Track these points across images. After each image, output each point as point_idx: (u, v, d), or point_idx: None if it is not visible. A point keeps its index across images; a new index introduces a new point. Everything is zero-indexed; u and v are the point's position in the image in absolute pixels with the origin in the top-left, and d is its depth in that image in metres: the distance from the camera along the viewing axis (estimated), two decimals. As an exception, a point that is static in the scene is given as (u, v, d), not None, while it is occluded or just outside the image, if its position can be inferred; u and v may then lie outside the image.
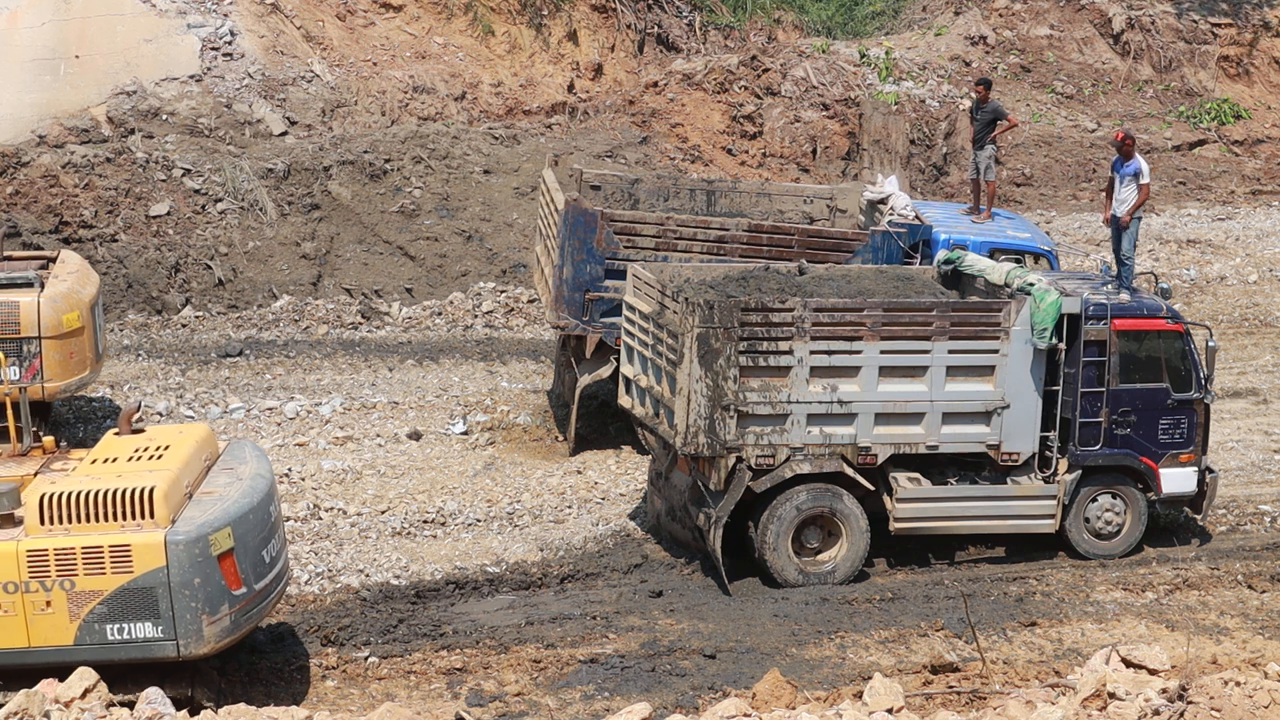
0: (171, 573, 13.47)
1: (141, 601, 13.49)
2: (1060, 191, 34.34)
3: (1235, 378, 24.72)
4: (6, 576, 13.38)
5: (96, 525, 13.55)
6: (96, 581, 13.44)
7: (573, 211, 20.86)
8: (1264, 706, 11.67)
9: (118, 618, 13.51)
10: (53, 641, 13.51)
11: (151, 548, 13.45)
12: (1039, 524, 18.44)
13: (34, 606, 13.44)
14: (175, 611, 13.54)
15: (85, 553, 13.43)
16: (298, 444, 21.50)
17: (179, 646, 13.66)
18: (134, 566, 13.44)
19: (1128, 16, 38.52)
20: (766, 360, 17.35)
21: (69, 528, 13.54)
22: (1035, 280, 18.24)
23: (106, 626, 13.52)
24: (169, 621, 13.57)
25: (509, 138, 30.47)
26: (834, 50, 35.90)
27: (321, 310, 26.54)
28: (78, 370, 19.54)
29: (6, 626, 13.45)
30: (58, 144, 28.07)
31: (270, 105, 29.98)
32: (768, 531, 17.72)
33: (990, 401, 17.92)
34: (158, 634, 13.59)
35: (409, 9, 33.23)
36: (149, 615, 13.52)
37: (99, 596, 13.45)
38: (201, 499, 14.13)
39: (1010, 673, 15.41)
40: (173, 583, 13.48)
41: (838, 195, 23.46)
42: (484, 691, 15.56)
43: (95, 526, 13.54)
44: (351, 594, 17.60)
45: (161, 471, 13.96)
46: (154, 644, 13.62)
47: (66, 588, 13.41)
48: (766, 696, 13.61)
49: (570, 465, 21.26)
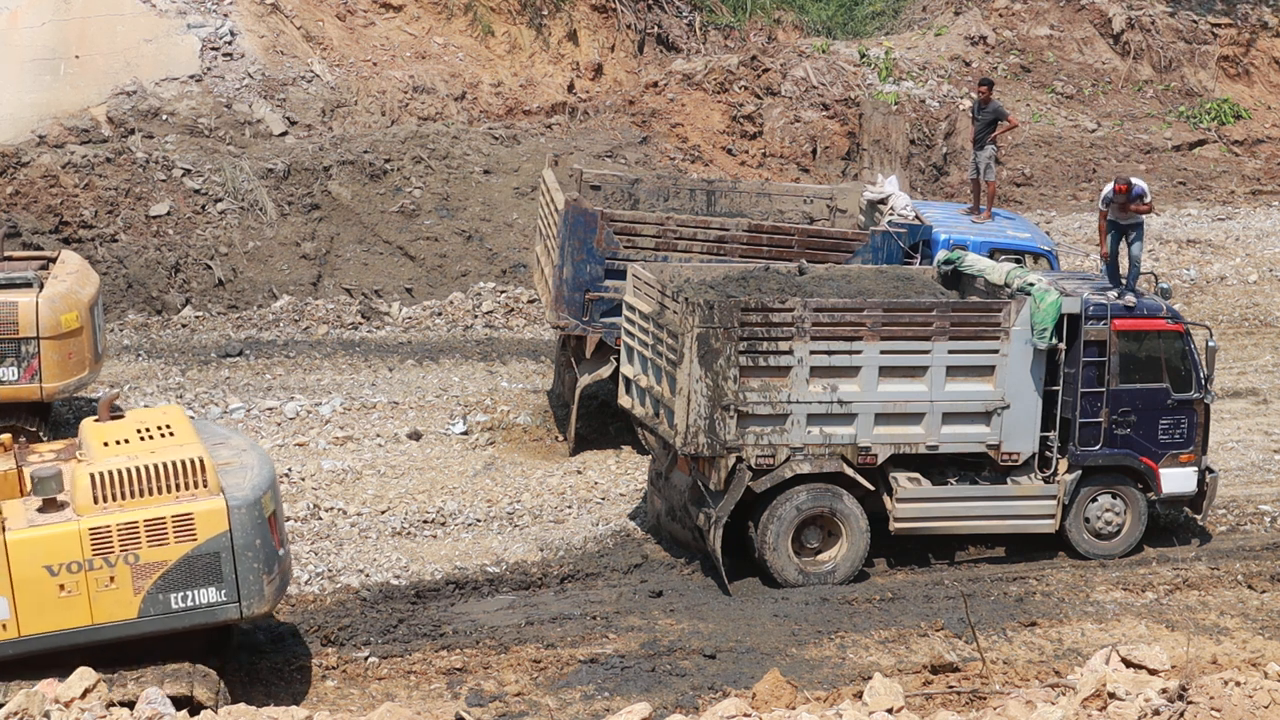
0: (235, 536, 13.86)
1: (206, 567, 13.82)
2: (1060, 191, 34.34)
3: (1235, 378, 24.72)
4: (69, 557, 13.56)
5: (151, 499, 13.78)
6: (160, 553, 13.71)
7: (573, 211, 20.86)
8: (1264, 706, 11.67)
9: (182, 586, 13.81)
10: (117, 617, 13.74)
11: (215, 514, 13.82)
12: (1039, 524, 18.44)
13: (97, 584, 13.65)
14: (239, 574, 13.89)
15: (148, 525, 13.69)
16: (298, 444, 21.50)
17: (242, 608, 14.04)
18: (197, 534, 13.77)
19: (1128, 16, 38.53)
20: (766, 360, 17.35)
21: (123, 504, 13.74)
22: (1035, 280, 18.24)
23: (171, 596, 13.80)
24: (232, 584, 13.90)
25: (509, 138, 30.47)
26: (834, 50, 35.90)
27: (321, 310, 26.54)
28: (76, 370, 19.52)
29: (71, 607, 13.62)
30: (58, 144, 28.07)
31: (270, 105, 29.98)
32: (768, 531, 17.72)
33: (990, 401, 17.92)
34: (221, 598, 13.94)
35: (409, 9, 33.23)
36: (213, 580, 13.84)
37: (163, 567, 13.73)
38: (224, 469, 14.42)
39: (1010, 673, 15.41)
40: (236, 546, 13.87)
41: (838, 195, 23.46)
42: (484, 691, 15.56)
43: (150, 500, 13.78)
44: (351, 594, 17.60)
45: (193, 444, 14.25)
46: (218, 608, 13.98)
47: (130, 561, 13.66)
48: (766, 696, 13.61)
49: (570, 465, 21.26)
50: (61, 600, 13.58)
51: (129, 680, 13.81)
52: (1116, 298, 18.47)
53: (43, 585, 13.51)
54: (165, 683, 13.76)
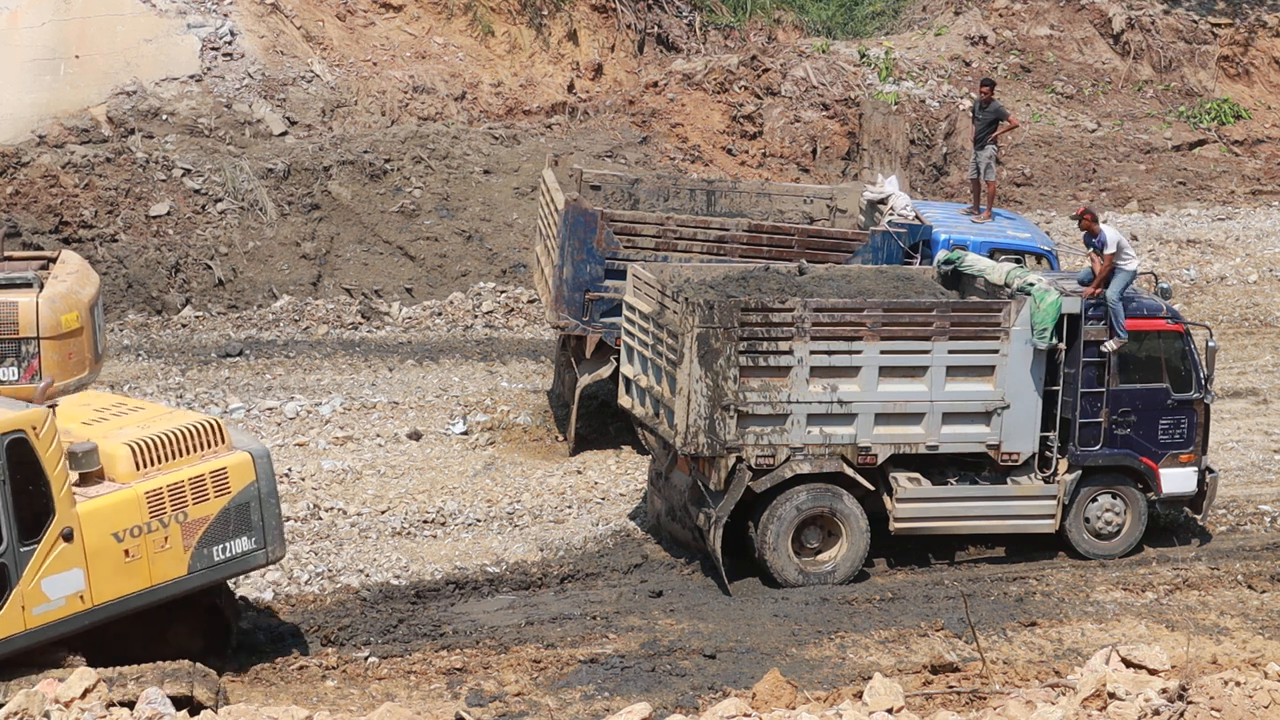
0: (261, 485, 14.93)
1: (239, 517, 14.77)
2: (1060, 191, 34.34)
3: (1235, 378, 24.72)
4: (131, 521, 14.10)
5: (183, 459, 14.54)
6: (205, 508, 14.55)
7: (573, 211, 20.86)
8: (1264, 706, 11.67)
9: (221, 538, 14.68)
10: (171, 575, 14.42)
11: (244, 466, 14.84)
12: (1039, 524, 18.44)
13: (154, 545, 14.30)
14: (265, 521, 14.95)
15: (193, 484, 14.48)
16: (298, 444, 21.50)
17: (267, 554, 15.12)
18: (231, 487, 14.69)
19: (1128, 16, 38.52)
20: (766, 360, 17.35)
21: (160, 467, 14.40)
22: (1035, 280, 18.23)
23: (213, 549, 14.65)
24: (260, 532, 14.95)
25: (509, 138, 30.47)
26: (834, 50, 35.90)
27: (321, 310, 26.54)
28: (76, 371, 19.48)
29: (133, 571, 14.15)
30: (58, 144, 28.07)
31: (270, 105, 29.99)
32: (768, 531, 17.72)
33: (990, 401, 17.92)
34: (251, 545, 14.94)
35: (409, 9, 33.23)
36: (245, 529, 14.83)
37: (206, 522, 14.55)
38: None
39: (1010, 673, 15.40)
40: (263, 494, 14.94)
41: (838, 195, 23.45)
42: (484, 691, 15.56)
43: (182, 461, 14.53)
44: (351, 594, 17.59)
45: (181, 411, 15.36)
46: (250, 556, 14.98)
47: (181, 520, 14.41)
48: (766, 696, 13.60)
49: (570, 465, 21.26)
50: (126, 566, 14.09)
51: (129, 680, 13.81)
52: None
53: (111, 552, 13.98)
54: (165, 683, 13.76)
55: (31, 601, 13.52)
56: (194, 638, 15.20)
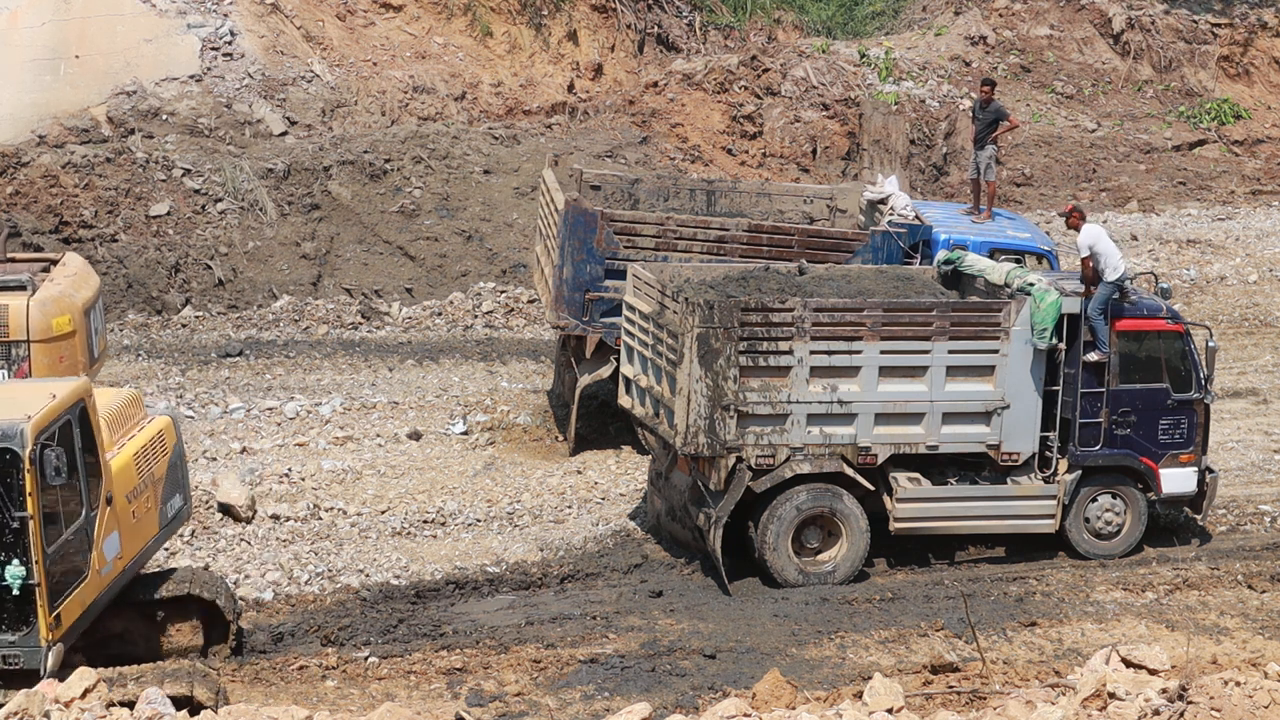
0: (180, 445, 15.88)
1: (173, 475, 15.58)
2: (1060, 191, 34.33)
3: (1235, 378, 24.71)
4: (133, 483, 14.77)
5: (127, 428, 15.22)
6: (159, 468, 15.37)
7: (573, 211, 20.86)
8: (1264, 706, 11.67)
9: (169, 495, 15.52)
10: (152, 533, 15.18)
11: (171, 428, 15.71)
12: (1039, 524, 18.43)
13: (144, 506, 15.13)
14: (184, 479, 15.91)
15: (151, 446, 15.34)
16: (298, 444, 21.50)
17: (188, 510, 16.25)
18: (168, 447, 15.55)
19: (1128, 16, 38.52)
20: (766, 360, 17.35)
21: (123, 434, 15.08)
22: (1035, 280, 18.23)
23: (166, 506, 15.50)
24: (185, 488, 15.92)
25: (509, 138, 30.47)
26: (834, 50, 35.90)
27: (321, 310, 26.54)
28: (67, 374, 19.40)
29: (138, 531, 14.85)
30: (58, 144, 28.07)
31: (270, 105, 29.99)
32: (768, 531, 17.72)
33: (990, 401, 17.92)
34: (182, 502, 15.86)
35: (409, 9, 33.23)
36: (177, 487, 15.67)
37: (162, 481, 15.41)
38: None
39: (1010, 673, 15.39)
40: (182, 454, 15.94)
41: (838, 195, 23.45)
42: (484, 691, 15.55)
43: (126, 430, 15.18)
44: (351, 594, 17.59)
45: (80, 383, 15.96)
46: (182, 511, 15.88)
47: (151, 481, 15.27)
48: (766, 696, 13.60)
49: (570, 465, 21.25)
50: (134, 526, 14.76)
51: (129, 680, 13.83)
52: None
53: (126, 514, 14.58)
54: (165, 683, 13.76)
55: (99, 564, 14.15)
56: (194, 637, 15.24)
